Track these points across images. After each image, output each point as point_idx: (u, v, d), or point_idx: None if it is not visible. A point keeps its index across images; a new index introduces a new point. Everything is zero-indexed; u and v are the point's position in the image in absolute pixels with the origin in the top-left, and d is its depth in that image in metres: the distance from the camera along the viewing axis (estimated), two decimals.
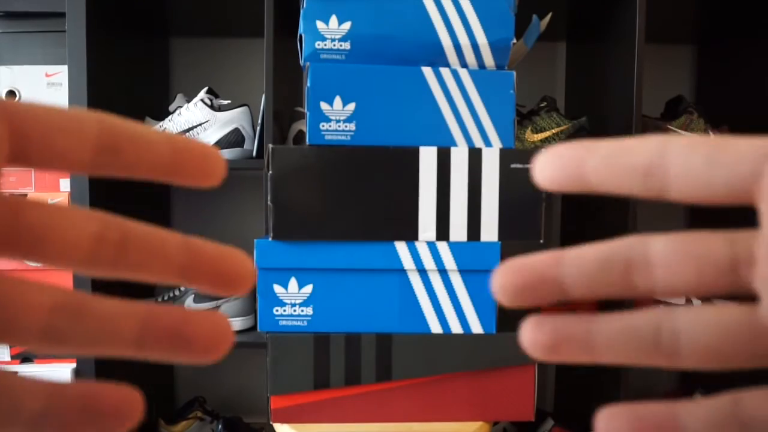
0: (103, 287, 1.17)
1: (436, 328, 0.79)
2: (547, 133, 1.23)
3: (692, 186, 0.17)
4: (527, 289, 0.18)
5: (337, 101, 0.78)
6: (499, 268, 0.18)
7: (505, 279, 0.18)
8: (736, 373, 0.17)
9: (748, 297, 0.16)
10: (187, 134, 1.19)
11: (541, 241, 0.79)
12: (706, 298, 0.94)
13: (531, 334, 0.18)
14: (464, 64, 0.81)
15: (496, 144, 0.80)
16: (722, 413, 0.16)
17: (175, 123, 1.19)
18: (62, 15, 1.13)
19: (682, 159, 0.17)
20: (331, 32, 0.79)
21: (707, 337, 0.16)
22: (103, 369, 1.18)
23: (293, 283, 0.80)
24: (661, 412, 0.17)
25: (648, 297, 0.18)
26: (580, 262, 0.18)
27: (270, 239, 0.79)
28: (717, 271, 0.16)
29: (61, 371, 1.19)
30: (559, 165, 0.18)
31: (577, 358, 0.18)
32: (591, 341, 0.17)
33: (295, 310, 0.80)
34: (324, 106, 0.78)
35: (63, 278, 1.20)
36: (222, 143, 1.19)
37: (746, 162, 0.16)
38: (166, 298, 1.21)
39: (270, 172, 0.78)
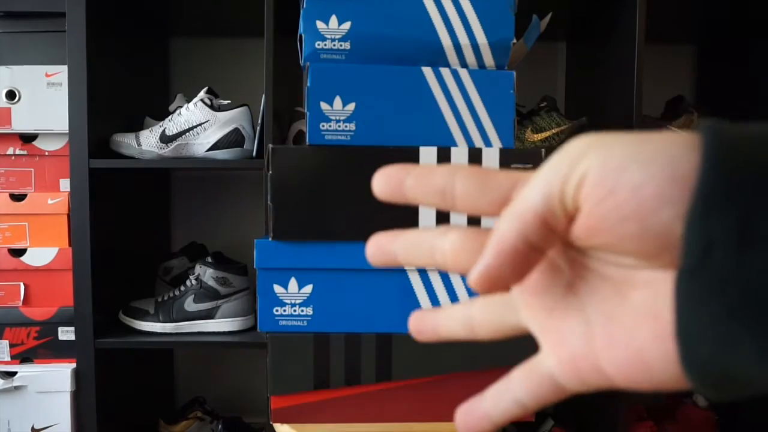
0: (102, 289, 1.17)
1: None
2: (547, 133, 1.23)
3: (470, 203, 0.24)
4: (377, 254, 0.27)
5: (337, 101, 0.78)
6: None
7: (371, 247, 0.27)
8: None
9: None
10: (187, 134, 1.19)
11: None
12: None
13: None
14: (464, 64, 0.81)
15: (496, 144, 0.80)
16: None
17: (175, 123, 1.19)
18: (62, 15, 1.13)
19: (463, 184, 0.24)
20: (331, 32, 0.79)
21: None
22: (104, 369, 1.18)
23: (293, 283, 0.80)
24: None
25: (436, 268, 0.26)
26: (403, 242, 0.26)
27: (270, 239, 0.79)
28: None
29: (61, 371, 1.19)
30: (386, 182, 0.25)
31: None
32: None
33: (295, 310, 0.80)
34: (324, 106, 0.78)
35: (63, 279, 1.20)
36: (222, 143, 1.19)
37: (502, 189, 0.24)
38: (165, 298, 1.21)
39: (270, 172, 0.78)
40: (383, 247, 0.27)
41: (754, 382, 0.19)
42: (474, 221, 0.79)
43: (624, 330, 0.21)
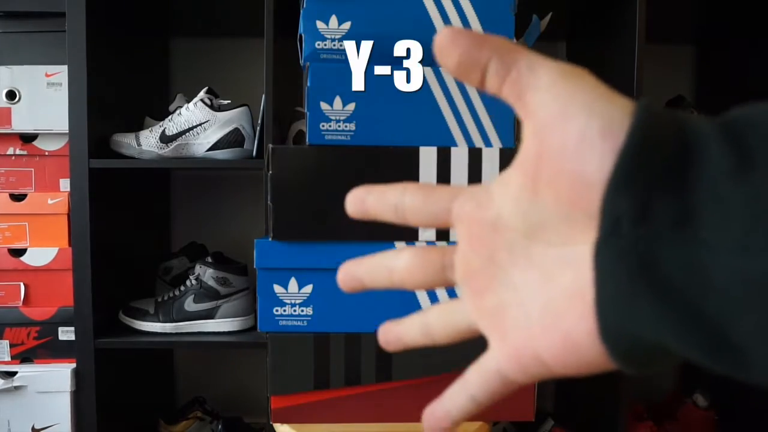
0: (102, 289, 1.17)
1: None
2: None
3: (418, 216, 0.28)
4: (346, 280, 0.30)
5: (337, 101, 0.78)
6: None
7: (341, 275, 0.30)
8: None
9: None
10: (187, 134, 1.19)
11: None
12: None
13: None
14: None
15: (496, 144, 0.80)
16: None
17: (175, 123, 1.19)
18: (62, 15, 1.13)
19: (411, 199, 0.28)
20: (331, 32, 0.79)
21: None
22: (104, 369, 1.18)
23: (293, 283, 0.80)
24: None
25: (396, 288, 0.29)
26: (366, 267, 0.30)
27: (270, 239, 0.79)
28: (435, 273, 0.28)
29: (61, 371, 1.19)
30: (353, 201, 0.29)
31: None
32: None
33: (295, 310, 0.80)
34: (324, 106, 0.78)
35: (63, 279, 1.20)
36: (222, 143, 1.19)
37: (443, 201, 0.27)
38: (165, 298, 1.21)
39: (270, 172, 0.78)
40: (350, 272, 0.30)
41: (660, 348, 0.21)
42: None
43: (555, 315, 0.23)
